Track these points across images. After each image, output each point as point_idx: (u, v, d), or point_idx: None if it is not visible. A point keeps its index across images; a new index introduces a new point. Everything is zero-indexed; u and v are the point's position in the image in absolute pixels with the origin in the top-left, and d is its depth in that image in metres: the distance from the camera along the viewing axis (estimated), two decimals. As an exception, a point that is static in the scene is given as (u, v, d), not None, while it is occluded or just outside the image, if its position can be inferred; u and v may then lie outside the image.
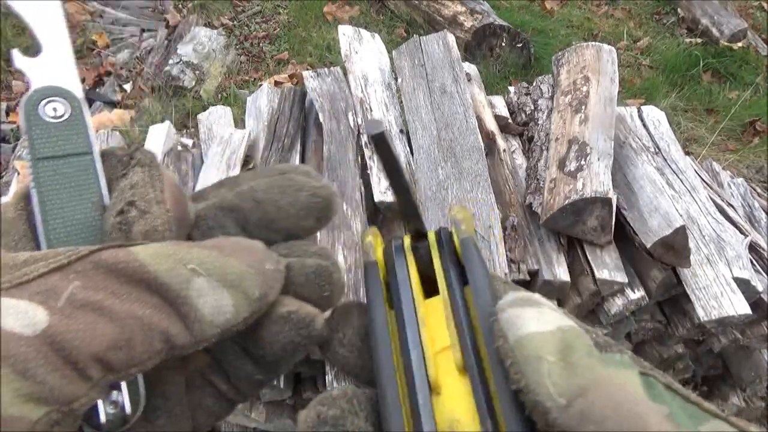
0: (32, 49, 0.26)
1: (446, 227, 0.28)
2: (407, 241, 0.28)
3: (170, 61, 3.03)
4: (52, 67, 0.26)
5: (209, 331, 0.22)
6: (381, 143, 0.24)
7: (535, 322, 0.21)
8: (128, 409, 0.23)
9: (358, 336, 0.27)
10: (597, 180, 1.28)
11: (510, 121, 1.68)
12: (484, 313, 0.23)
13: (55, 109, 0.25)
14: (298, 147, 1.62)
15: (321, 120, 1.57)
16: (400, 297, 0.26)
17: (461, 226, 0.27)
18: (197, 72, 3.03)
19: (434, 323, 0.25)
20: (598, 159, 1.34)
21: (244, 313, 0.23)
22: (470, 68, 1.81)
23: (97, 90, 3.05)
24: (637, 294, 1.29)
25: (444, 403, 0.22)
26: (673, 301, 1.37)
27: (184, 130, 2.44)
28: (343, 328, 0.27)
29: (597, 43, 1.64)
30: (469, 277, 0.25)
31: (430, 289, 0.27)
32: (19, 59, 0.26)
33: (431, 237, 0.28)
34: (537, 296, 0.23)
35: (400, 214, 0.28)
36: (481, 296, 0.24)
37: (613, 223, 1.28)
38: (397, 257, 0.28)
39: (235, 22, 3.52)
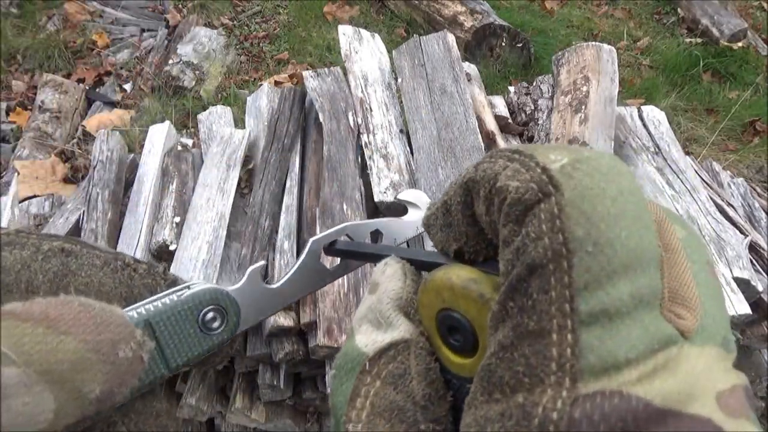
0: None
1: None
2: None
3: (170, 61, 3.02)
4: None
5: None
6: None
7: None
8: None
9: None
10: (597, 180, 1.28)
11: (510, 121, 1.68)
12: None
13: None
14: (298, 147, 1.62)
15: (321, 120, 1.57)
16: None
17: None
18: (197, 72, 3.03)
19: None
20: (598, 159, 1.34)
21: (69, 418, 0.16)
22: (470, 68, 1.81)
23: (97, 90, 3.05)
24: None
25: None
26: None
27: (184, 130, 2.44)
28: None
29: (597, 43, 1.64)
30: None
31: None
32: None
33: None
34: None
35: None
36: None
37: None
38: None
39: (235, 22, 3.52)
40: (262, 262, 0.28)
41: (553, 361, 0.16)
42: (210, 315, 0.24)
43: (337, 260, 0.31)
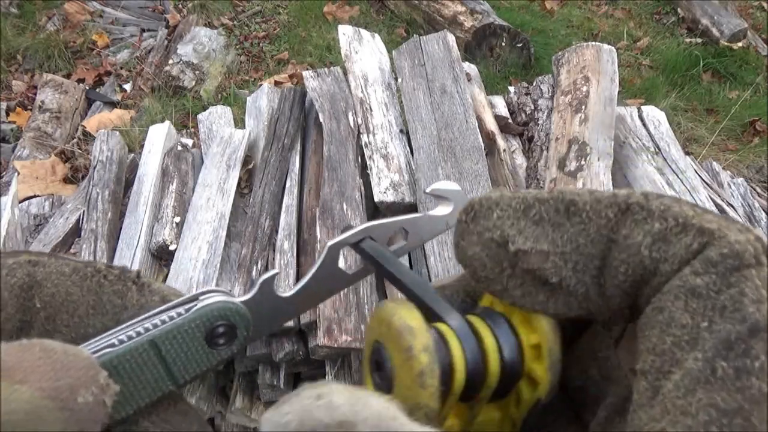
0: None
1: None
2: None
3: (170, 61, 3.02)
4: None
5: None
6: None
7: None
8: None
9: None
10: (597, 180, 1.28)
11: (510, 121, 1.68)
12: None
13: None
14: (298, 147, 1.62)
15: (321, 120, 1.57)
16: None
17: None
18: (197, 72, 3.03)
19: None
20: (598, 159, 1.34)
21: None
22: (470, 68, 1.81)
23: (97, 90, 3.05)
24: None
25: None
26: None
27: (184, 130, 2.44)
28: None
29: (597, 43, 1.64)
30: None
31: None
32: None
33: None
34: None
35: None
36: None
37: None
38: None
39: (235, 22, 3.52)
40: (276, 271, 0.26)
41: None
42: (219, 330, 0.23)
43: (356, 262, 0.29)
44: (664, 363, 0.17)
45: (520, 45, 3.22)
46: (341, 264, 0.28)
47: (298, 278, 1.32)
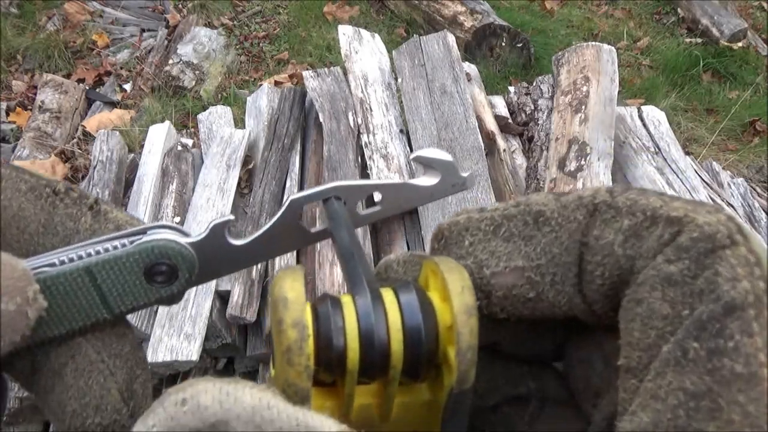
0: None
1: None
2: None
3: (170, 61, 3.03)
4: None
5: None
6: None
7: None
8: None
9: None
10: (597, 180, 1.28)
11: (510, 121, 1.69)
12: None
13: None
14: (298, 147, 1.62)
15: (321, 120, 1.57)
16: None
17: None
18: (197, 72, 3.03)
19: None
20: (598, 159, 1.34)
21: None
22: (470, 68, 1.81)
23: (97, 90, 3.05)
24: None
25: None
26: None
27: (184, 130, 2.44)
28: None
29: (597, 43, 1.64)
30: None
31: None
32: None
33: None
34: None
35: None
36: None
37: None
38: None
39: (235, 22, 3.52)
40: (230, 217, 0.25)
41: None
42: (160, 268, 0.23)
43: (319, 224, 0.27)
44: (652, 358, 0.17)
45: (520, 45, 3.22)
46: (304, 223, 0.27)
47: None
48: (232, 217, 0.25)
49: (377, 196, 0.28)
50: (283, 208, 0.26)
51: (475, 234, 0.21)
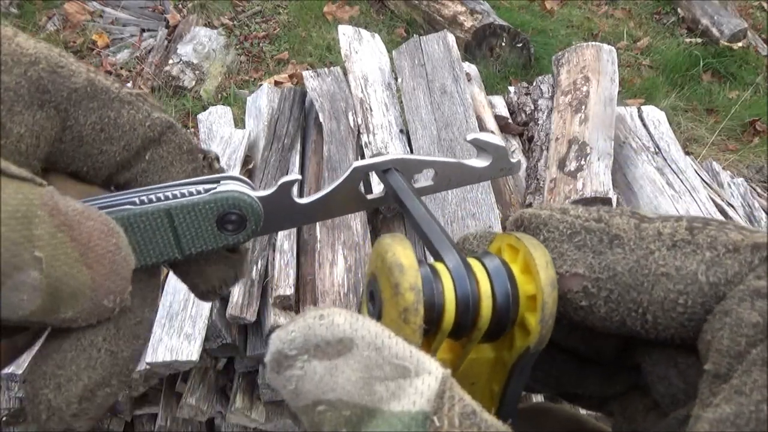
0: None
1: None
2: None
3: (170, 61, 3.03)
4: None
5: None
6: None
7: None
8: None
9: None
10: (597, 180, 1.28)
11: (510, 121, 1.69)
12: None
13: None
14: (298, 147, 1.62)
15: (321, 120, 1.57)
16: None
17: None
18: (197, 72, 3.03)
19: None
20: (598, 159, 1.34)
21: (41, 316, 0.19)
22: (470, 68, 1.81)
23: (97, 90, 3.04)
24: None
25: None
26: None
27: (184, 130, 2.44)
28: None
29: (597, 43, 1.64)
30: None
31: None
32: None
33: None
34: None
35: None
36: None
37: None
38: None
39: (235, 22, 3.52)
40: (298, 177, 0.27)
41: None
42: (231, 217, 0.25)
43: (378, 191, 0.29)
44: (741, 364, 0.18)
45: (520, 45, 3.22)
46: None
47: (298, 278, 1.32)
48: (299, 176, 0.28)
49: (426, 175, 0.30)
50: (346, 174, 0.28)
51: (551, 231, 0.22)
